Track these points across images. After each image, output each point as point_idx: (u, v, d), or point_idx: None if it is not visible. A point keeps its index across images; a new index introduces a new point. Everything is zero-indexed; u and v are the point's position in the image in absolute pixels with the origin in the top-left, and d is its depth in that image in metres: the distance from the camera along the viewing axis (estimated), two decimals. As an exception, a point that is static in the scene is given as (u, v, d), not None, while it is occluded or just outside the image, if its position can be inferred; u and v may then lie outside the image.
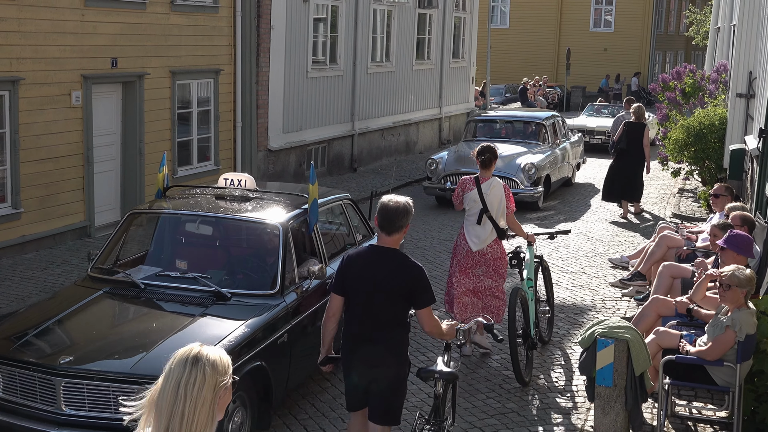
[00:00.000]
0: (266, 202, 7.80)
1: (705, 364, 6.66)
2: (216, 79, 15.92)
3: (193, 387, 2.88)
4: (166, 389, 2.89)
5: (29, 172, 12.12)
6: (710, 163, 16.58)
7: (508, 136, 18.21)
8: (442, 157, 17.02)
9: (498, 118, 19.32)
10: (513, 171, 16.13)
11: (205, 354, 2.92)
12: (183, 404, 2.86)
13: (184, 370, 2.90)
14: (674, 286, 8.78)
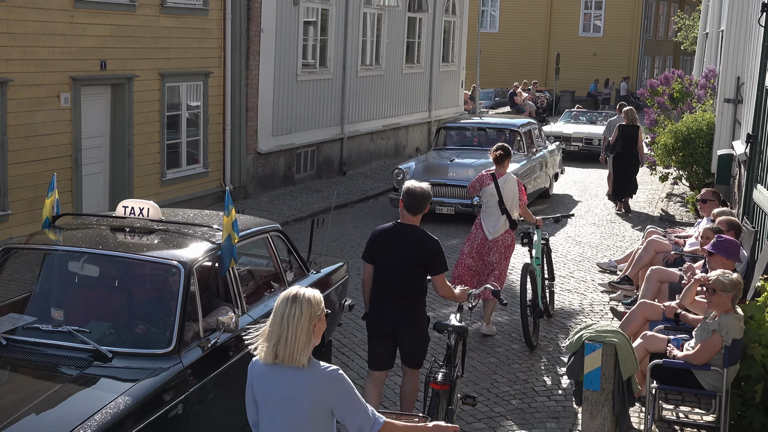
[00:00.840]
0: (170, 237, 6.44)
1: (692, 368, 6.69)
2: (205, 81, 15.91)
3: (293, 318, 3.96)
4: (274, 320, 4.00)
5: (17, 173, 12.08)
6: (698, 167, 16.65)
7: (481, 144, 16.95)
8: (409, 167, 15.92)
9: (470, 125, 18.13)
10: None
11: (302, 294, 4.01)
12: (287, 331, 3.96)
13: (286, 306, 3.98)
14: (662, 290, 8.82)
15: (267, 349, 4.01)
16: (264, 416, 4.13)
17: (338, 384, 4.01)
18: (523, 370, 8.53)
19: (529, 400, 7.83)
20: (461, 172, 15.34)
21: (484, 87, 38.42)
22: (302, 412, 4.00)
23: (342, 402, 4.02)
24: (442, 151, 16.71)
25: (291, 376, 3.99)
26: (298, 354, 3.96)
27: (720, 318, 6.61)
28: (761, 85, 10.24)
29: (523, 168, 15.86)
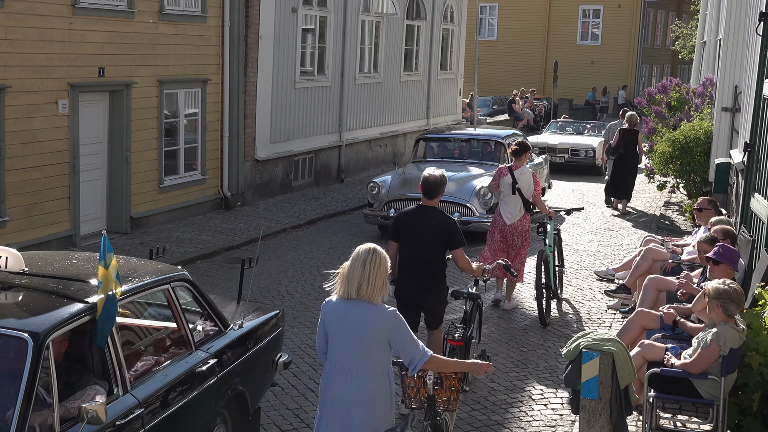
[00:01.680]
0: (28, 296, 5.15)
1: (689, 377, 6.68)
2: (204, 88, 15.91)
3: (373, 263, 5.01)
4: (355, 266, 5.02)
5: (15, 180, 12.07)
6: (696, 176, 16.67)
7: (463, 157, 16.13)
8: (385, 181, 14.94)
9: (451, 136, 16.94)
10: (466, 196, 14.17)
11: (378, 247, 5.10)
12: (369, 274, 4.98)
13: (368, 254, 5.03)
14: (659, 298, 8.81)
15: (348, 288, 5.03)
16: (333, 343, 5.10)
17: (397, 321, 5.05)
18: (520, 378, 8.52)
19: (527, 408, 7.81)
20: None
21: (482, 95, 38.45)
22: (367, 339, 4.98)
23: (398, 335, 5.04)
24: (420, 164, 15.53)
25: (364, 310, 5.00)
26: (376, 294, 5.02)
27: (718, 327, 6.60)
28: (759, 94, 10.25)
29: None
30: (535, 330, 10.04)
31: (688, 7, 45.81)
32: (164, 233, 14.30)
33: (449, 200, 13.63)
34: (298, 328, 9.82)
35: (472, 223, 13.92)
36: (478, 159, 15.87)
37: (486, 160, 15.73)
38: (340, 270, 5.10)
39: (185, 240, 13.89)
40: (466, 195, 14.20)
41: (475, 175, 14.87)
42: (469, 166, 15.48)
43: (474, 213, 14.12)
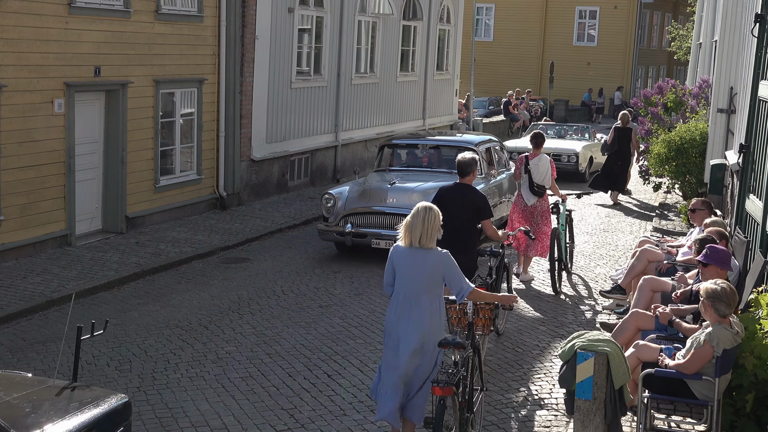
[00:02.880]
0: None
1: (684, 377, 6.69)
2: (200, 88, 15.90)
3: (430, 219, 6.46)
4: (416, 222, 6.46)
5: (10, 179, 12.05)
6: (691, 177, 16.68)
7: (432, 166, 14.49)
8: (341, 192, 13.37)
9: (420, 142, 15.25)
10: None
11: (432, 205, 6.56)
12: (427, 227, 6.45)
13: (426, 212, 6.47)
14: (654, 299, 8.81)
15: (411, 238, 6.50)
16: (399, 280, 6.53)
17: (449, 259, 6.54)
18: (515, 379, 8.53)
19: (522, 409, 7.82)
20: (402, 198, 12.80)
21: (479, 95, 38.47)
22: (426, 274, 6.47)
23: (449, 271, 6.52)
24: (384, 173, 14.13)
25: (424, 254, 6.48)
26: (432, 242, 6.49)
27: (712, 328, 6.61)
28: (754, 95, 10.27)
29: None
30: (529, 331, 10.06)
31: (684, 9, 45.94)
32: (160, 233, 14.29)
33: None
34: (293, 329, 9.82)
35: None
36: (447, 168, 13.89)
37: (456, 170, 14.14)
38: (403, 223, 6.57)
39: (181, 240, 13.88)
40: None
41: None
42: (438, 176, 13.48)
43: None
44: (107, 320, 6.35)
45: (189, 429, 7.22)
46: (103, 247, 13.16)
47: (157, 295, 11.21)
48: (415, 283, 6.46)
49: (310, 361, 8.81)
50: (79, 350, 5.66)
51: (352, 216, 12.94)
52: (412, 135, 16.49)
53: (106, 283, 11.38)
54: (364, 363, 8.80)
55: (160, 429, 7.21)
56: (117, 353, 8.97)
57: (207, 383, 8.21)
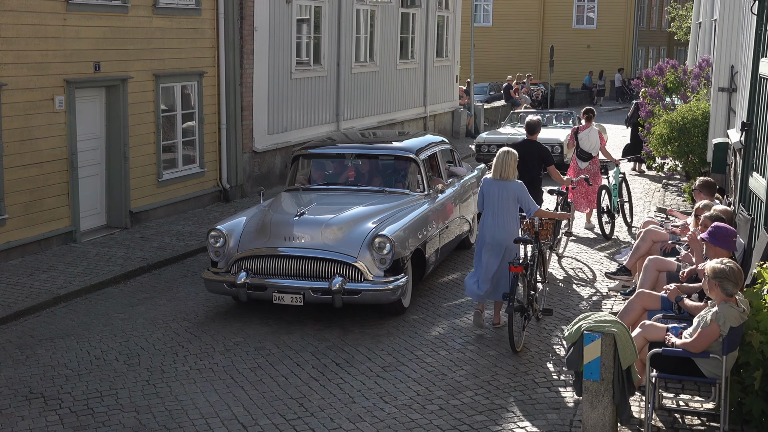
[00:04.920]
0: None
1: (691, 356, 6.70)
2: (200, 81, 15.90)
3: (509, 160, 9.18)
4: (499, 161, 9.14)
5: (13, 177, 12.07)
6: (694, 157, 16.67)
7: (360, 181, 11.31)
8: (234, 228, 10.09)
9: (345, 151, 11.83)
10: (351, 249, 9.47)
11: (511, 149, 9.36)
12: (507, 165, 9.16)
13: (506, 154, 9.20)
14: (660, 279, 8.82)
15: (496, 173, 9.18)
16: (488, 201, 9.21)
17: (522, 188, 9.25)
18: (523, 362, 8.55)
19: (530, 391, 7.84)
20: (314, 233, 9.56)
21: (479, 81, 38.41)
22: (507, 198, 9.14)
23: (522, 196, 9.23)
24: (296, 194, 11.06)
25: (506, 184, 9.19)
26: (511, 175, 9.19)
27: (718, 307, 6.62)
28: (755, 73, 10.24)
29: (417, 221, 10.26)
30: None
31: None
32: (164, 227, 14.31)
33: (324, 256, 9.42)
34: (301, 318, 9.83)
35: (361, 292, 9.28)
36: (379, 185, 11.19)
37: (390, 187, 11.07)
38: (493, 161, 9.23)
39: (185, 233, 13.89)
40: (352, 247, 9.47)
41: (369, 214, 10.04)
42: (367, 197, 10.66)
43: (365, 276, 9.36)
44: None
45: (199, 420, 7.25)
46: (108, 243, 13.19)
47: (164, 288, 11.23)
48: (499, 203, 9.14)
49: (318, 350, 8.83)
50: None
51: (248, 260, 9.66)
52: (333, 141, 12.60)
53: (113, 279, 11.40)
54: (371, 350, 8.82)
55: (171, 421, 7.24)
56: (125, 347, 9.00)
57: (216, 375, 8.24)
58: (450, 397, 7.70)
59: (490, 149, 20.21)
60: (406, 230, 9.89)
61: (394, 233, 9.56)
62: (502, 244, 9.10)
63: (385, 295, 9.40)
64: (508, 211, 9.15)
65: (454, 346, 9.00)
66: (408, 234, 9.89)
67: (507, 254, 9.09)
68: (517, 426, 7.12)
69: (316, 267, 9.41)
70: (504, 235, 9.12)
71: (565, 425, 7.11)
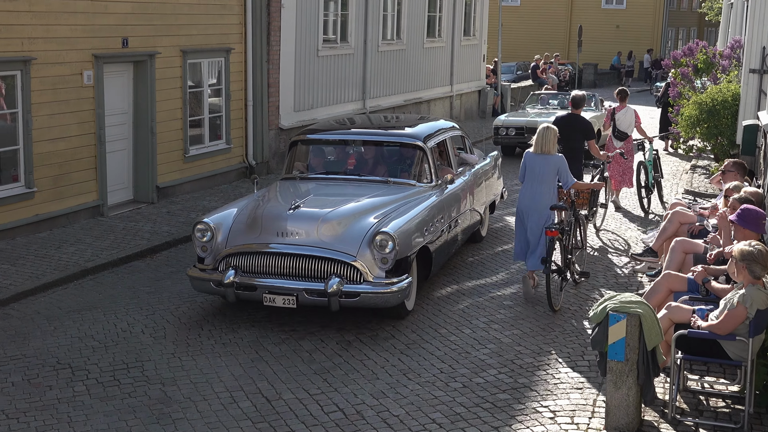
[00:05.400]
0: None
1: (717, 338, 6.67)
2: (227, 58, 15.91)
3: (549, 135, 9.85)
4: (540, 136, 9.84)
5: (42, 151, 12.17)
6: (723, 139, 16.51)
7: (361, 170, 10.45)
8: (223, 221, 9.22)
9: (348, 137, 11.12)
10: (350, 247, 8.63)
11: (550, 124, 10.18)
12: (548, 140, 9.82)
13: (546, 130, 9.86)
14: (686, 261, 8.77)
15: (537, 148, 9.86)
16: (529, 172, 9.87)
17: (562, 161, 9.91)
18: (547, 342, 8.54)
19: (554, 371, 7.83)
20: (309, 228, 8.74)
21: (506, 61, 38.17)
22: (546, 170, 9.80)
23: (562, 168, 9.88)
24: (295, 183, 10.25)
25: (546, 157, 9.85)
26: (551, 149, 9.84)
27: (746, 289, 6.58)
28: (787, 54, 10.11)
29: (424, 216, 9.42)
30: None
31: (715, -31, 45.09)
32: (190, 202, 14.38)
33: (319, 254, 8.59)
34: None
35: (360, 294, 8.44)
36: (383, 174, 10.33)
37: (397, 176, 10.23)
38: (534, 136, 9.96)
39: (211, 209, 13.95)
40: (351, 245, 8.63)
41: (373, 207, 9.26)
42: (369, 188, 9.87)
43: (365, 276, 8.53)
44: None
45: (224, 393, 7.31)
46: (135, 217, 13.28)
47: (190, 263, 11.25)
48: (540, 175, 9.78)
49: (342, 327, 8.86)
50: None
51: (237, 257, 8.85)
52: (335, 125, 11.95)
53: (139, 252, 11.49)
54: (395, 328, 8.84)
55: (196, 394, 7.30)
56: (151, 320, 9.07)
57: (240, 349, 8.29)
58: (473, 375, 7.71)
59: (509, 132, 20.01)
60: (411, 226, 8.99)
61: (397, 230, 8.66)
62: (542, 213, 9.72)
63: (386, 298, 8.52)
64: (547, 183, 9.78)
65: (478, 325, 9.00)
66: (413, 230, 9.01)
67: (545, 222, 9.71)
68: (540, 405, 7.12)
69: (311, 266, 8.58)
70: (543, 204, 9.75)
71: (588, 405, 7.11)
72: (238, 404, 7.11)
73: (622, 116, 14.70)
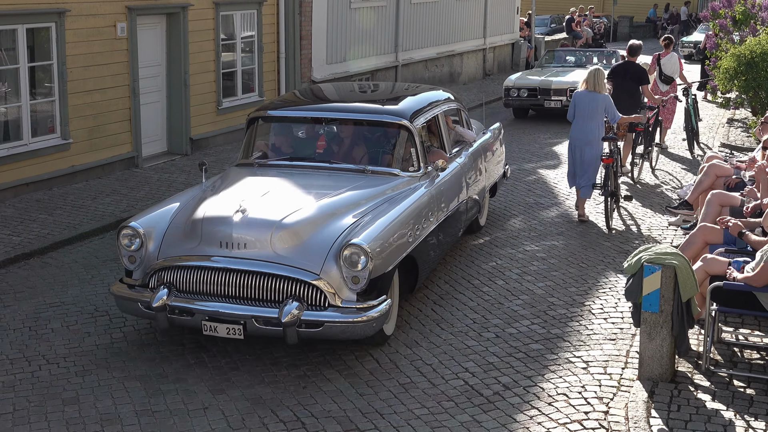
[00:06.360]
0: None
1: (752, 290, 6.62)
2: (259, 10, 15.85)
3: (599, 76, 10.86)
4: (590, 76, 10.89)
5: (77, 103, 12.25)
6: (761, 92, 16.24)
7: (333, 155, 8.55)
8: (153, 226, 7.37)
9: (318, 114, 8.78)
10: (314, 263, 6.81)
11: (599, 67, 11.07)
12: (598, 80, 10.84)
13: (596, 72, 10.89)
14: (722, 214, 8.69)
15: (589, 86, 10.82)
16: (579, 109, 10.87)
17: (609, 99, 10.94)
18: (579, 293, 8.54)
19: (586, 322, 7.84)
20: (258, 238, 6.91)
21: (540, 13, 37.66)
22: (596, 107, 10.78)
23: (609, 105, 10.90)
24: (251, 171, 8.29)
25: (595, 95, 10.80)
26: (602, 89, 10.83)
27: (782, 241, 6.52)
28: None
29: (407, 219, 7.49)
30: (594, 247, 10.03)
31: None
32: (224, 154, 14.44)
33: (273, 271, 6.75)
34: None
35: (323, 324, 6.62)
36: (359, 162, 8.36)
37: (377, 164, 8.32)
38: (585, 76, 11.02)
39: (244, 161, 14.00)
40: (313, 260, 6.82)
41: (345, 207, 7.43)
42: (340, 181, 7.92)
43: (331, 300, 6.73)
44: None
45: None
46: (169, 169, 13.37)
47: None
48: (589, 112, 10.83)
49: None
50: None
51: (172, 272, 7.02)
52: (306, 98, 9.80)
53: (174, 204, 11.55)
54: (429, 279, 8.85)
55: (231, 342, 7.37)
56: (187, 270, 9.14)
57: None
58: (506, 325, 7.73)
59: (520, 94, 18.55)
60: (392, 234, 7.18)
61: (372, 240, 6.83)
62: (594, 145, 10.88)
63: (357, 329, 6.70)
64: (596, 119, 10.86)
65: (511, 276, 9.01)
66: (394, 239, 7.21)
67: (595, 151, 10.90)
68: (573, 355, 7.14)
69: (263, 286, 6.76)
70: (595, 137, 10.88)
71: (621, 356, 7.12)
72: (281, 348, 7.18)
73: (667, 62, 15.46)
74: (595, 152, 10.91)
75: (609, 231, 10.61)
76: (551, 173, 13.79)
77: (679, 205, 10.74)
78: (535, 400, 6.38)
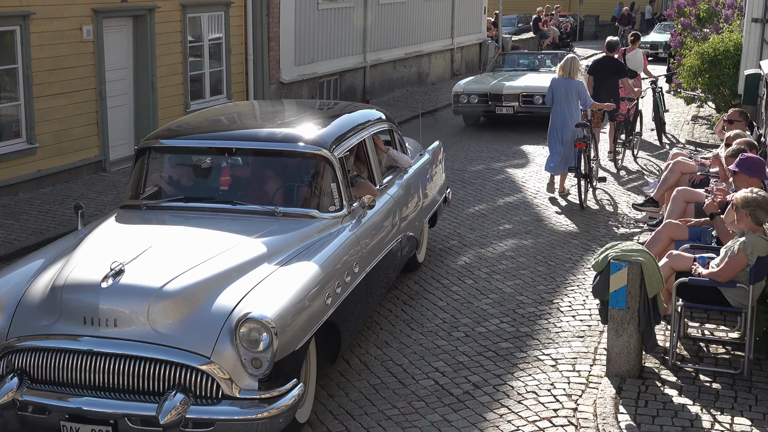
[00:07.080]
0: None
1: (718, 285, 6.72)
2: (227, 11, 15.81)
3: (574, 64, 11.97)
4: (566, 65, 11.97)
5: (43, 107, 12.16)
6: (725, 89, 16.45)
7: (237, 193, 7.10)
8: (4, 296, 5.75)
9: (215, 144, 7.25)
10: (203, 343, 5.27)
11: (574, 55, 12.46)
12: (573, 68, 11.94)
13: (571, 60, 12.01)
14: (688, 210, 8.80)
15: (564, 73, 11.92)
16: (556, 96, 11.89)
17: (582, 85, 11.99)
18: (548, 291, 8.61)
19: (555, 320, 7.91)
20: (132, 311, 5.38)
21: (507, 13, 37.83)
22: (570, 92, 11.84)
23: (582, 90, 11.96)
24: (137, 216, 6.88)
25: (570, 81, 11.84)
26: (576, 76, 11.93)
27: (746, 236, 6.62)
28: (790, 2, 10.06)
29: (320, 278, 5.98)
30: (562, 245, 10.12)
31: None
32: (192, 157, 14.37)
33: (151, 355, 5.26)
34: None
35: (215, 423, 5.18)
36: (268, 202, 6.87)
37: (291, 204, 6.87)
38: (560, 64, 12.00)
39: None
40: (202, 339, 5.34)
41: (243, 266, 5.89)
42: (243, 227, 6.44)
43: (228, 389, 5.24)
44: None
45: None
46: (137, 173, 13.29)
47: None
48: (565, 97, 11.81)
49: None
50: None
51: (24, 355, 5.48)
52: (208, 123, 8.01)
53: (142, 207, 11.48)
54: (399, 279, 8.88)
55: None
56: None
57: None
58: (476, 324, 7.79)
59: (470, 100, 17.46)
60: (303, 299, 5.72)
61: (277, 312, 5.40)
62: (568, 128, 11.81)
63: (259, 426, 5.22)
64: (572, 102, 11.86)
65: (480, 275, 9.07)
66: (307, 305, 5.75)
67: (571, 135, 11.78)
68: (542, 353, 7.20)
69: (139, 373, 5.28)
70: (569, 121, 11.84)
71: (589, 353, 7.19)
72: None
73: (632, 57, 15.95)
74: (573, 135, 11.86)
75: (582, 209, 11.59)
76: (519, 172, 13.88)
77: (645, 203, 10.85)
78: (504, 399, 6.44)
